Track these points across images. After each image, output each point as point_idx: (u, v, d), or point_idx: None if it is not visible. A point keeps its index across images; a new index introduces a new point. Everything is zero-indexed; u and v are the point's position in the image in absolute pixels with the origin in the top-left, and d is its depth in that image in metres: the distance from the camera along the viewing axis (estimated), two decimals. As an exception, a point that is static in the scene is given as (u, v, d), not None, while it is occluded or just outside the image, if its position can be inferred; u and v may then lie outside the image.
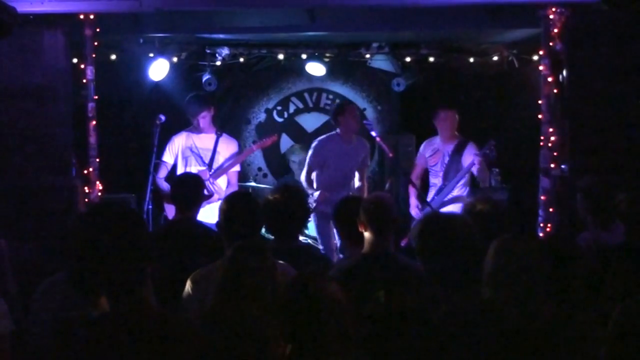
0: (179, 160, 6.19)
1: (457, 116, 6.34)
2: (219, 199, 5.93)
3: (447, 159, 6.33)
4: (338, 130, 6.28)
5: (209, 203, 5.47)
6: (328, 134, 6.43)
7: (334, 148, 6.24)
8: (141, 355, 2.07)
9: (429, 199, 6.24)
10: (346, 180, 6.27)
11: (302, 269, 3.11)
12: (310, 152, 6.34)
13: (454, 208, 6.18)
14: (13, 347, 3.04)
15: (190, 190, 4.41)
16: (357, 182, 6.45)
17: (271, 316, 2.50)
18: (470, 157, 6.18)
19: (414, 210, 6.44)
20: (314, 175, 6.34)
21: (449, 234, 2.74)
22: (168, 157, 6.16)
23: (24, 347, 3.07)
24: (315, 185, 6.30)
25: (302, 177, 6.39)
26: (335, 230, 5.02)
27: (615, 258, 3.22)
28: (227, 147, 6.22)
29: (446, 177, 6.31)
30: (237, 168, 6.30)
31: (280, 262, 3.25)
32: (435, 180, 6.42)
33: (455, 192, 6.26)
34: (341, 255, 5.09)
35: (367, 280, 3.23)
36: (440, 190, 6.32)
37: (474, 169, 6.13)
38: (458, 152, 6.29)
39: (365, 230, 3.41)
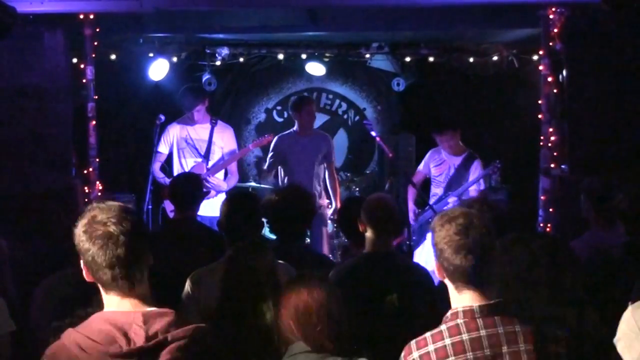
0: (174, 151, 6.21)
1: (454, 134, 6.27)
2: (217, 193, 5.95)
3: (452, 171, 6.28)
4: (295, 126, 6.36)
5: (207, 198, 5.48)
6: (287, 131, 6.49)
7: (291, 143, 6.28)
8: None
9: (427, 208, 6.23)
10: (308, 175, 6.21)
11: (304, 269, 3.11)
12: (270, 149, 6.39)
13: None
14: (13, 347, 3.04)
15: (189, 190, 4.41)
16: (327, 182, 6.46)
17: (273, 315, 2.50)
18: (476, 174, 6.15)
19: (411, 215, 6.41)
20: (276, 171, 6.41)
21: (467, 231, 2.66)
22: (163, 148, 6.18)
23: (24, 347, 3.07)
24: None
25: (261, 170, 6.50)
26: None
27: (617, 257, 3.22)
28: (222, 136, 6.23)
29: (449, 189, 6.28)
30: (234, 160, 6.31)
31: (281, 262, 3.25)
32: (437, 190, 6.38)
33: (451, 201, 6.23)
34: None
35: (368, 280, 3.23)
36: (439, 200, 6.28)
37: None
38: (465, 167, 6.25)
39: (366, 231, 3.41)
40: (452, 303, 2.23)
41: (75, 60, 5.77)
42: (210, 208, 5.56)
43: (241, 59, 7.66)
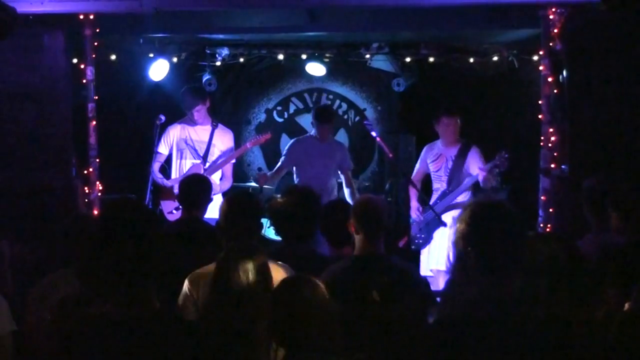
0: (173, 152, 6.22)
1: (459, 122, 6.27)
2: (213, 194, 5.95)
3: (450, 163, 6.23)
4: (313, 132, 6.38)
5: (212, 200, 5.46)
6: (304, 135, 6.55)
7: (307, 147, 6.31)
8: (142, 354, 2.07)
9: (431, 203, 6.21)
10: (322, 180, 6.17)
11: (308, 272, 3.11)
12: (285, 151, 6.39)
13: (456, 214, 6.15)
14: (13, 347, 3.04)
15: (199, 191, 4.42)
16: (345, 190, 6.46)
17: (263, 317, 2.50)
18: (474, 162, 6.10)
19: (415, 213, 6.39)
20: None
21: (501, 220, 2.63)
22: (163, 149, 6.19)
23: (22, 346, 3.08)
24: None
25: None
26: None
27: (618, 257, 3.21)
28: (222, 139, 6.24)
29: (450, 182, 6.22)
30: (233, 160, 6.31)
31: (281, 263, 3.25)
32: (439, 185, 6.34)
33: (459, 199, 6.22)
34: None
35: (359, 282, 3.23)
36: (444, 195, 6.24)
37: (480, 179, 6.07)
38: (462, 156, 6.20)
39: (356, 233, 3.40)
40: None
41: (75, 60, 5.77)
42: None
43: (241, 60, 7.66)
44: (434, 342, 2.44)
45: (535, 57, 6.70)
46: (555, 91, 5.56)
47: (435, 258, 6.22)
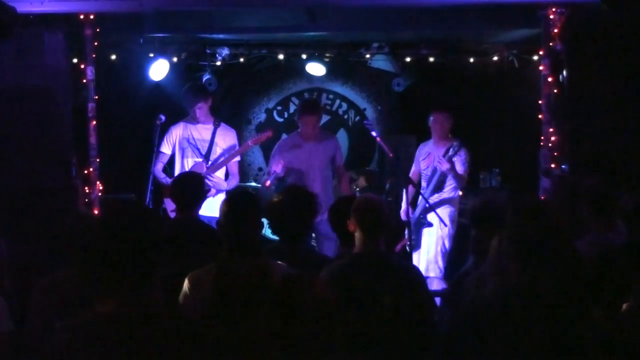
0: (176, 151, 6.21)
1: (449, 119, 6.23)
2: (217, 192, 5.94)
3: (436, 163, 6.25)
4: (299, 128, 6.30)
5: (206, 197, 5.46)
6: (292, 133, 6.47)
7: (293, 146, 6.24)
8: (143, 354, 2.07)
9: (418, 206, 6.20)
10: (309, 179, 6.07)
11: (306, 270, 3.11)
12: (273, 152, 6.37)
13: (444, 211, 6.12)
14: (12, 347, 3.05)
15: (191, 189, 4.41)
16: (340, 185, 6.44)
17: (264, 317, 2.51)
18: (458, 163, 6.08)
19: (404, 215, 6.37)
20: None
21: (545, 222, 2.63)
22: (165, 148, 6.18)
23: (22, 346, 3.08)
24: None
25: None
26: None
27: (618, 258, 3.21)
28: (224, 138, 6.22)
29: (430, 182, 6.23)
30: (237, 158, 6.28)
31: (280, 263, 3.25)
32: (425, 184, 6.36)
33: (445, 195, 6.19)
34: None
35: (357, 280, 3.24)
36: (422, 195, 6.22)
37: (441, 169, 6.01)
38: (448, 155, 6.20)
39: (356, 231, 3.41)
40: None
41: (75, 60, 5.77)
42: (209, 208, 5.55)
43: (241, 59, 7.66)
44: (463, 328, 2.43)
45: (535, 57, 6.71)
46: (555, 91, 5.57)
47: (424, 264, 6.19)
